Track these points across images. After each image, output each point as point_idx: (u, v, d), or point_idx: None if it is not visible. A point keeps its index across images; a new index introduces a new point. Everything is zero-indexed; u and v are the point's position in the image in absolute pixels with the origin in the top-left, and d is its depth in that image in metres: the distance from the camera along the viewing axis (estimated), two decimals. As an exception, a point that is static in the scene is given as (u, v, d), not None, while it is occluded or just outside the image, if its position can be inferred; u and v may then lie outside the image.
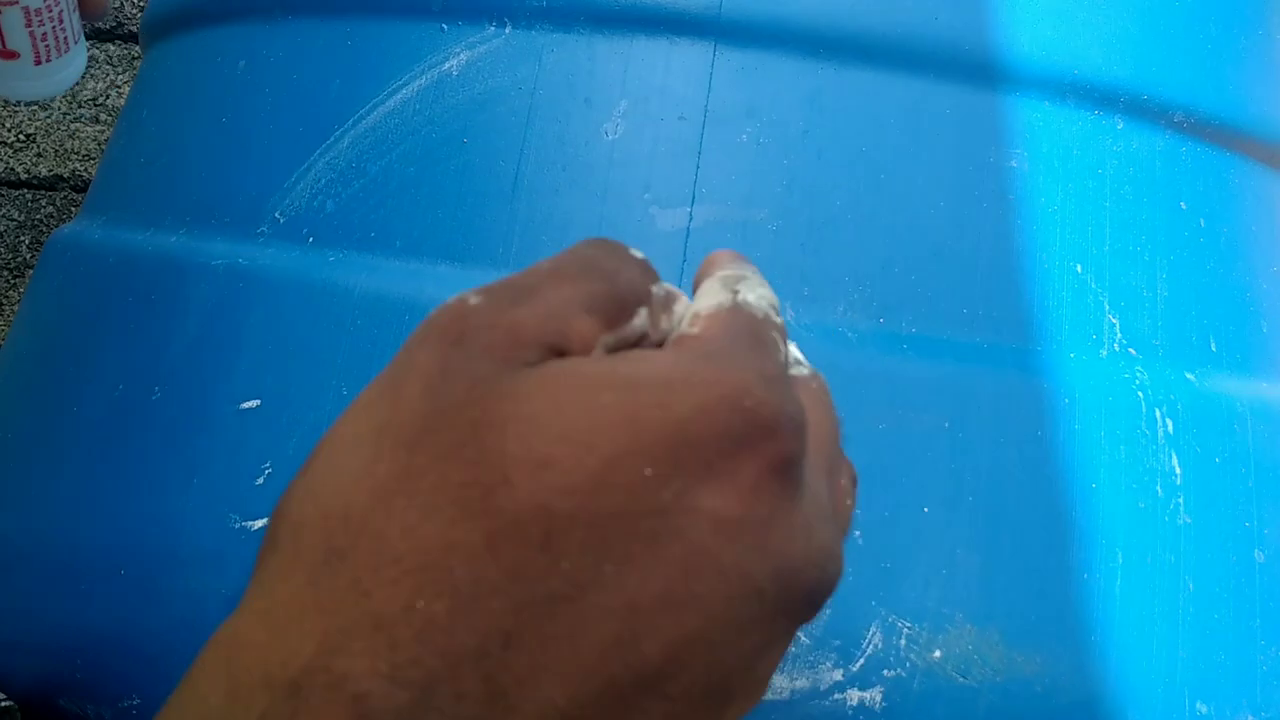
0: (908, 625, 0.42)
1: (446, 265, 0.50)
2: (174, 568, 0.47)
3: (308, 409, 0.48)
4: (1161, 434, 0.49)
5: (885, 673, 0.42)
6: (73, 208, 1.29)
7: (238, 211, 0.55)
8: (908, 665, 0.42)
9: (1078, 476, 0.46)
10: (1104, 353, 0.50)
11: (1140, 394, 0.49)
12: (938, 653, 0.42)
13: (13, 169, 1.32)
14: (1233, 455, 0.51)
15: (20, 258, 1.32)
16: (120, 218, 0.63)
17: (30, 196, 1.32)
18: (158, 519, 0.48)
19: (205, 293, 0.53)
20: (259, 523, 0.46)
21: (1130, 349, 0.51)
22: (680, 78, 0.51)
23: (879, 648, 0.42)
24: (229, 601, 0.46)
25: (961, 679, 0.42)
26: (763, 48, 0.52)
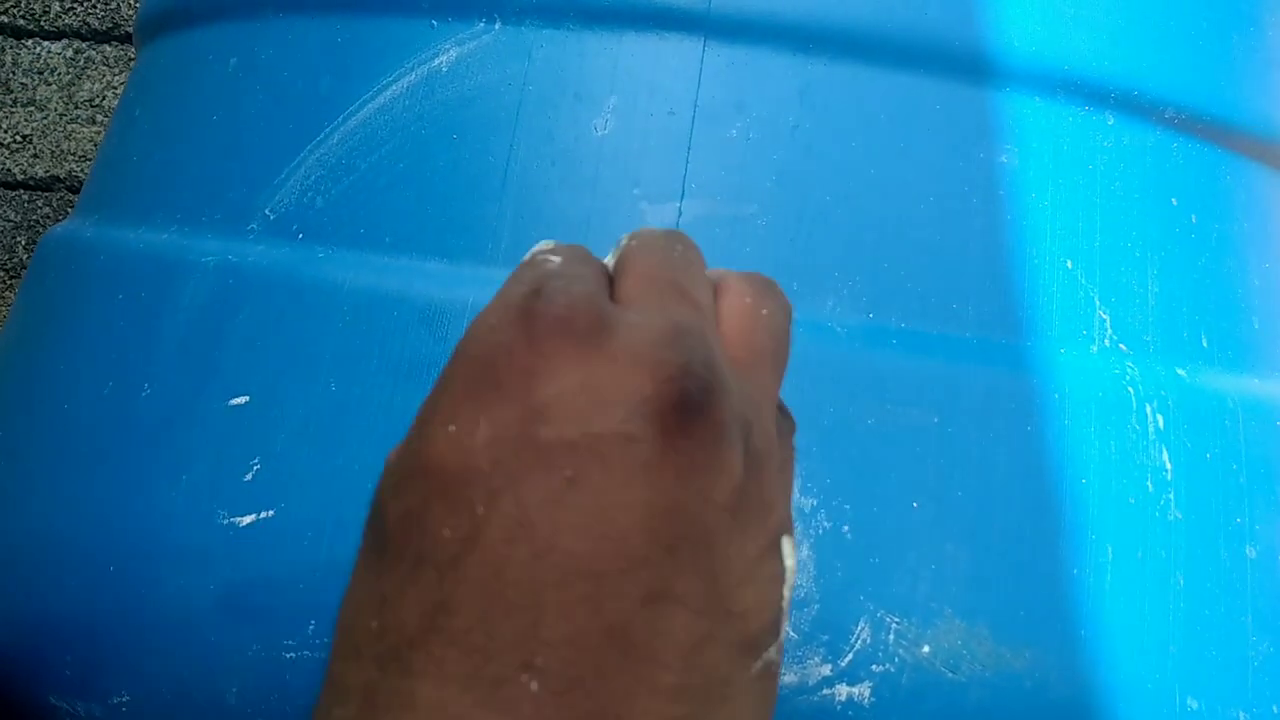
0: (896, 620, 0.42)
1: (436, 261, 0.50)
2: (163, 564, 0.47)
3: (297, 405, 0.48)
4: (1152, 430, 0.49)
5: (874, 668, 0.41)
6: (69, 208, 1.29)
7: (228, 208, 0.55)
8: (896, 660, 0.41)
9: (1067, 472, 0.46)
10: (1094, 348, 0.50)
11: (1131, 390, 0.49)
12: (926, 648, 0.42)
13: (9, 170, 1.32)
14: (1224, 451, 0.51)
15: (16, 258, 1.32)
16: (112, 216, 0.63)
17: (27, 197, 1.32)
18: (146, 515, 0.48)
19: (195, 290, 0.53)
20: (247, 519, 0.46)
21: (1121, 345, 0.51)
22: (670, 73, 0.51)
23: (867, 643, 0.42)
24: (217, 598, 0.46)
25: (950, 674, 0.42)
26: (752, 43, 0.51)
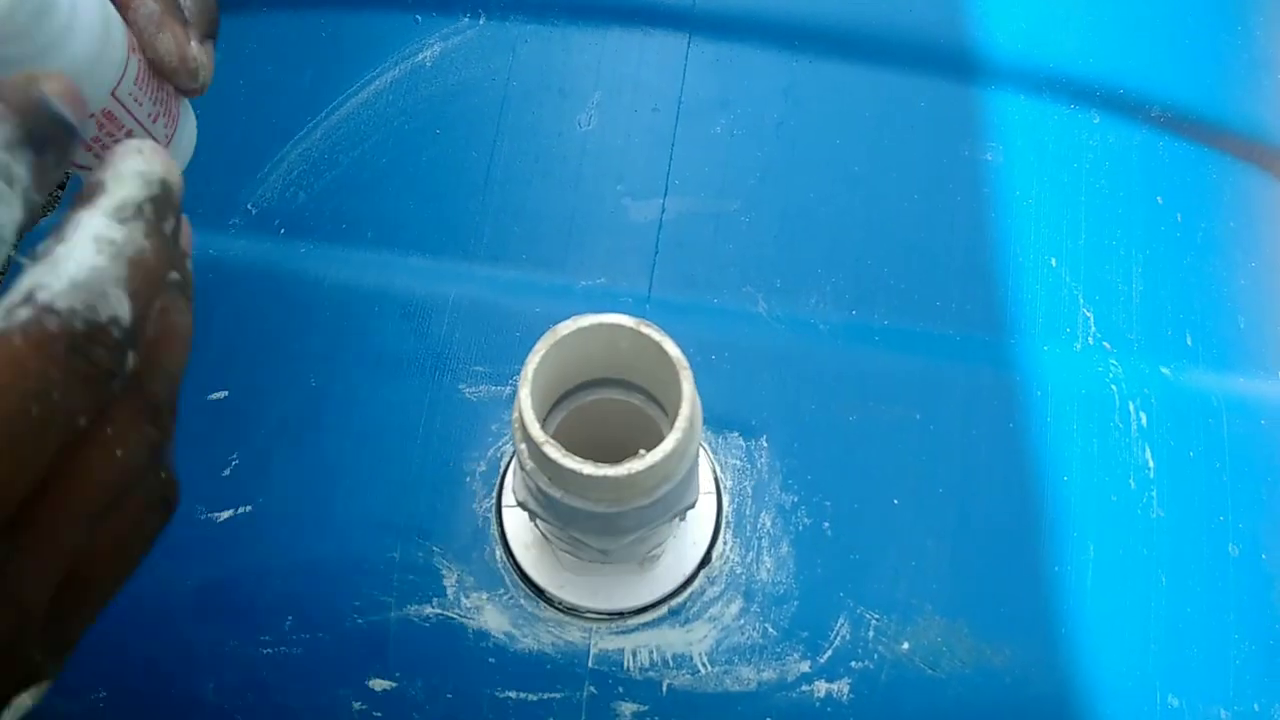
0: (876, 617, 0.42)
1: (418, 256, 0.50)
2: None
3: (276, 401, 0.48)
4: (1135, 428, 0.48)
5: (853, 664, 0.41)
6: (54, 209, 1.29)
7: (210, 203, 0.55)
8: (875, 657, 0.41)
9: (1050, 469, 0.46)
10: (1078, 346, 0.50)
11: (1114, 387, 0.49)
12: (906, 644, 0.42)
13: None
14: (1207, 450, 0.50)
15: (4, 255, 1.31)
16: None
17: (14, 194, 1.32)
18: (124, 510, 0.48)
19: (176, 284, 0.52)
20: (225, 514, 0.45)
21: (1105, 343, 0.51)
22: (654, 69, 0.51)
23: (847, 639, 0.42)
24: (195, 592, 0.46)
25: (930, 670, 0.41)
26: (737, 40, 0.51)
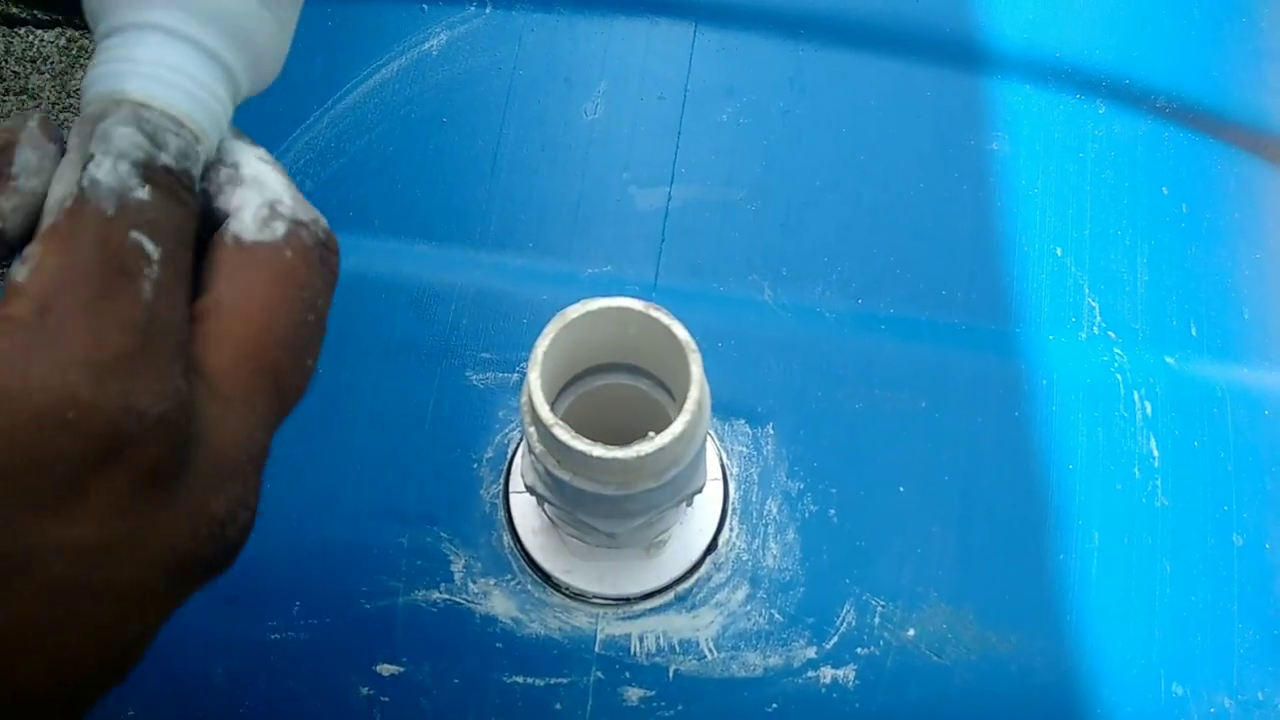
0: (882, 603, 0.42)
1: (425, 244, 0.50)
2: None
3: (284, 387, 0.48)
4: (1140, 417, 0.49)
5: (859, 650, 0.41)
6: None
7: (217, 191, 0.55)
8: (881, 643, 0.41)
9: (1055, 457, 0.46)
10: (1083, 335, 0.50)
11: (1119, 376, 0.49)
12: (911, 631, 0.42)
13: (1, 158, 1.32)
14: (1211, 439, 0.51)
15: (8, 247, 1.32)
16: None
17: (18, 185, 1.32)
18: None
19: (183, 272, 0.53)
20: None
21: (1110, 332, 0.51)
22: (660, 57, 0.51)
23: (853, 625, 0.42)
24: (203, 579, 0.46)
25: (935, 657, 0.42)
26: (743, 28, 0.51)
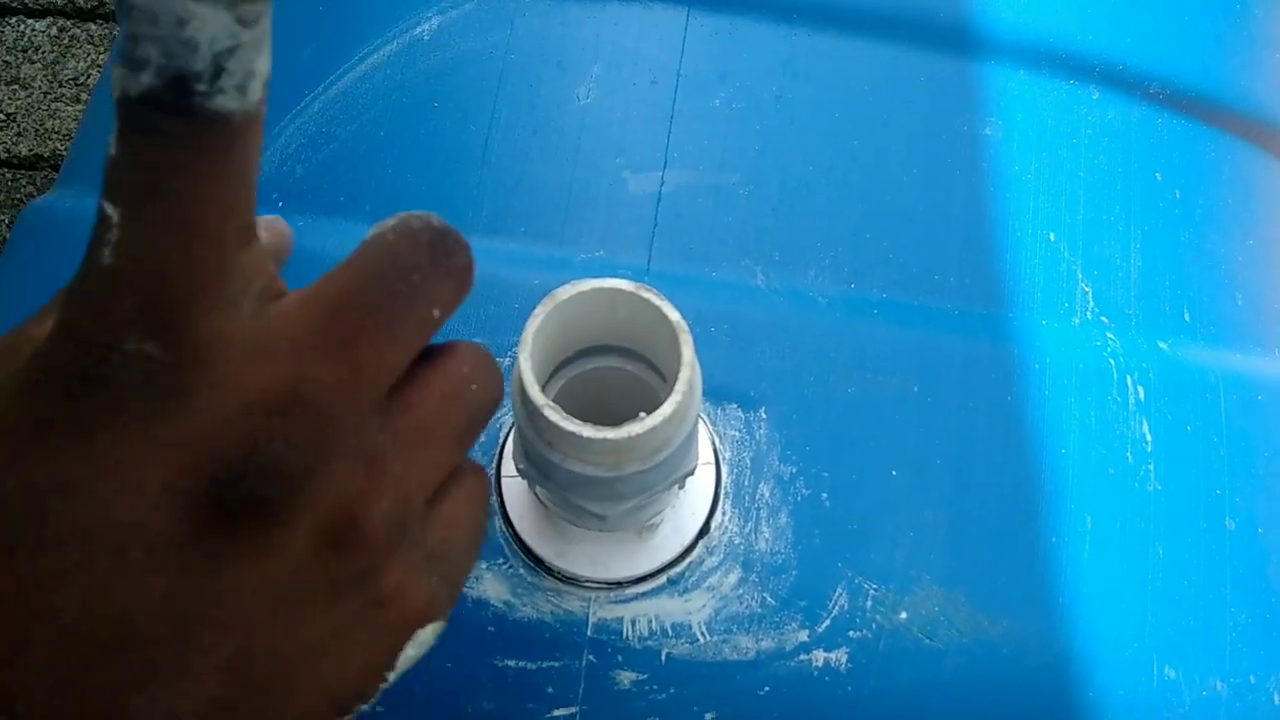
0: (874, 587, 0.42)
1: (416, 230, 0.50)
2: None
3: (275, 373, 0.48)
4: (1133, 401, 0.49)
5: (851, 634, 0.41)
6: (52, 187, 1.28)
7: (207, 177, 0.54)
8: (874, 626, 0.41)
9: (1047, 442, 0.46)
10: (1076, 320, 0.50)
11: (1112, 361, 0.49)
12: (904, 614, 0.42)
13: (-8, 148, 1.31)
14: (1204, 424, 0.51)
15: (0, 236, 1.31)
16: (92, 188, 0.62)
17: (10, 176, 1.31)
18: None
19: (174, 258, 0.52)
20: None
21: (1103, 317, 0.51)
22: (653, 42, 0.51)
23: (845, 609, 0.42)
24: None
25: (928, 641, 0.42)
26: (736, 12, 0.51)
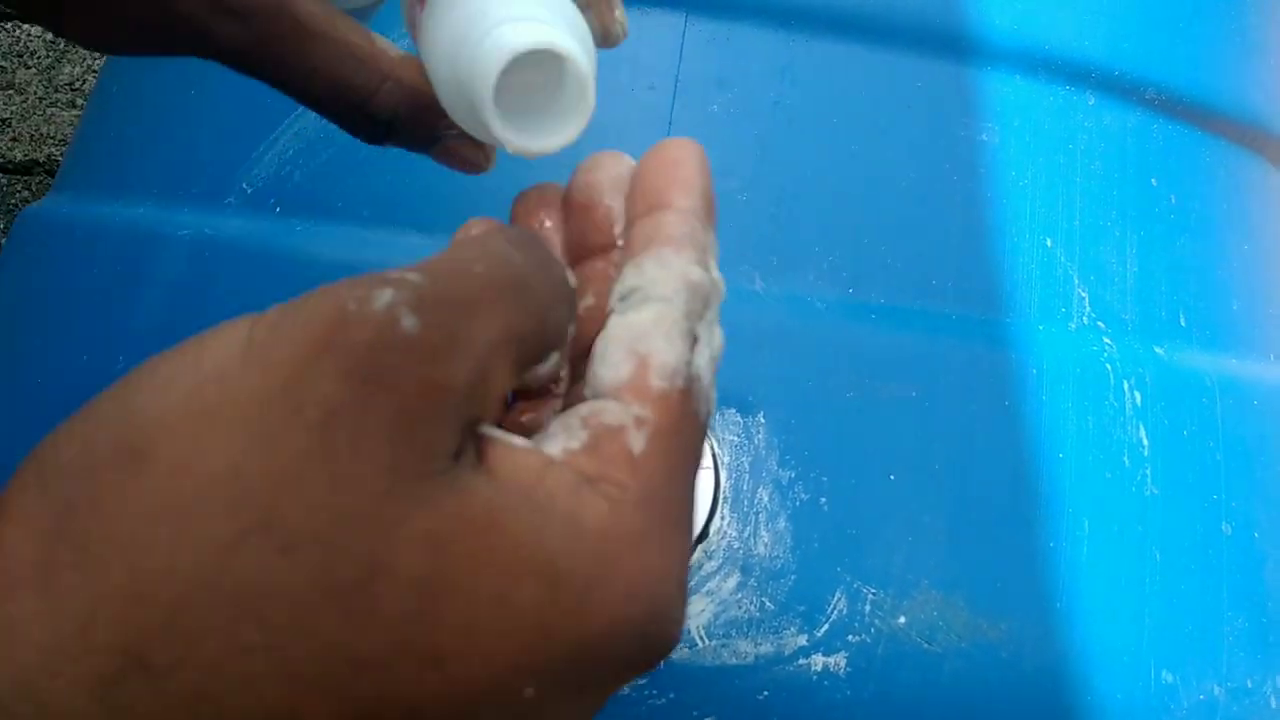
0: (873, 591, 0.42)
1: (414, 234, 0.50)
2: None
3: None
4: (1130, 406, 0.49)
5: (850, 638, 0.41)
6: (48, 192, 1.28)
7: (205, 183, 0.54)
8: (872, 631, 0.41)
9: (1045, 447, 0.46)
10: (1073, 325, 0.50)
11: (1109, 366, 0.49)
12: (902, 619, 0.42)
13: (-13, 153, 1.30)
14: (1201, 429, 0.51)
15: (-6, 242, 1.31)
16: (88, 191, 0.62)
17: (5, 181, 1.31)
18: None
19: (171, 263, 0.52)
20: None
21: (1099, 322, 0.51)
22: (651, 47, 0.51)
23: (844, 613, 0.42)
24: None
25: (926, 645, 0.42)
26: (734, 18, 0.51)
